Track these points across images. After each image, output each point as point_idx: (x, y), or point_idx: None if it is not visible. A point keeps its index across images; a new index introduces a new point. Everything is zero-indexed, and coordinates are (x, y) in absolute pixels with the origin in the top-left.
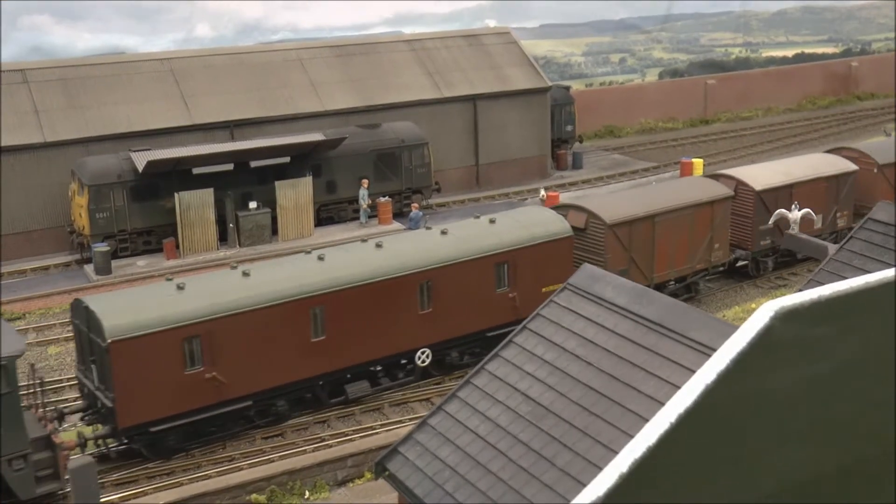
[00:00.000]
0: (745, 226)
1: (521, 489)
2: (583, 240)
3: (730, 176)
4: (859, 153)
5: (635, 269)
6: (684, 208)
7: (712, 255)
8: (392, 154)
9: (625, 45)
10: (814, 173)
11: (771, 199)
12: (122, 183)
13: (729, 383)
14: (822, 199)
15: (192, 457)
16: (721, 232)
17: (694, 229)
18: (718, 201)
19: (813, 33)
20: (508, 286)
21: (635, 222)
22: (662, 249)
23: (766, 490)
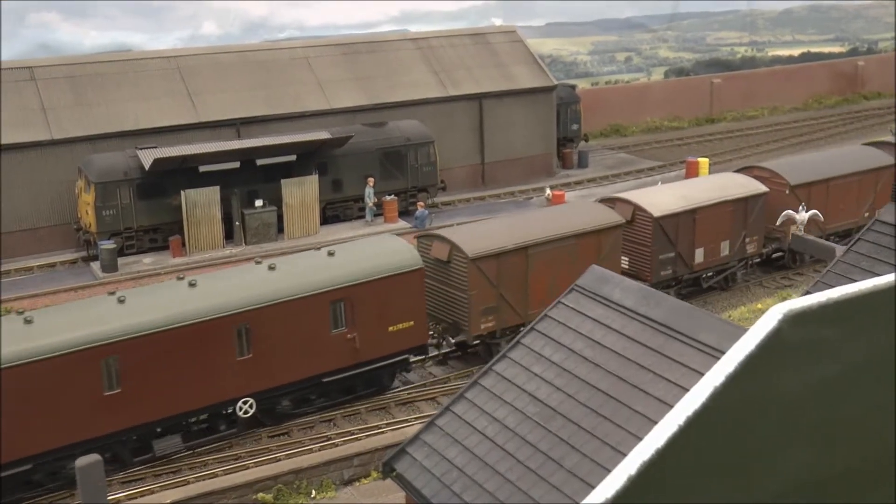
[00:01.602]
0: (643, 255)
1: (529, 490)
2: (446, 274)
3: (627, 201)
4: (770, 173)
5: (505, 306)
6: (565, 238)
7: None
8: (398, 152)
9: (631, 43)
10: (719, 196)
11: (671, 225)
12: (128, 180)
13: (737, 385)
14: (728, 225)
15: (198, 455)
16: (611, 263)
17: (577, 261)
18: (607, 230)
19: (819, 32)
20: (346, 326)
21: (504, 255)
22: (539, 284)
23: (773, 491)
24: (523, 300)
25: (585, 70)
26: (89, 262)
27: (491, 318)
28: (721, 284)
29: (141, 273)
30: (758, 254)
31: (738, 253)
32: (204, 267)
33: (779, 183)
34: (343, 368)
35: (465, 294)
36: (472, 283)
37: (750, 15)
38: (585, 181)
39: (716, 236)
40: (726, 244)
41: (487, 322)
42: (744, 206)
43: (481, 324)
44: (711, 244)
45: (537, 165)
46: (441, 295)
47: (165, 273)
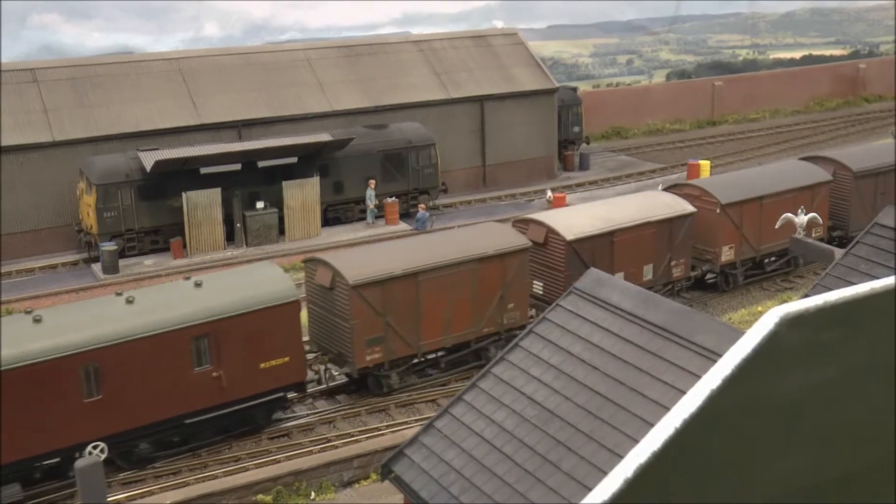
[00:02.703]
0: (556, 280)
1: (527, 492)
2: (330, 301)
3: (540, 222)
4: (701, 191)
5: (394, 336)
6: (461, 263)
7: (505, 317)
8: (399, 154)
9: (632, 46)
10: (641, 217)
11: (586, 249)
12: (129, 182)
13: (734, 388)
14: (651, 247)
15: (198, 457)
16: (517, 289)
17: (478, 287)
18: (511, 253)
19: (821, 35)
20: (211, 363)
21: (391, 282)
22: (431, 312)
23: (771, 495)
24: (414, 330)
25: (587, 72)
26: (90, 263)
27: (377, 349)
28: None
29: (142, 275)
30: (685, 277)
31: (664, 276)
32: (205, 268)
33: (709, 202)
34: (208, 409)
35: (348, 323)
36: (354, 312)
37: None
38: (587, 183)
39: (637, 259)
40: (649, 268)
41: (374, 353)
42: (668, 228)
43: (366, 355)
44: (632, 268)
45: (539, 168)
46: (327, 323)
47: (167, 274)
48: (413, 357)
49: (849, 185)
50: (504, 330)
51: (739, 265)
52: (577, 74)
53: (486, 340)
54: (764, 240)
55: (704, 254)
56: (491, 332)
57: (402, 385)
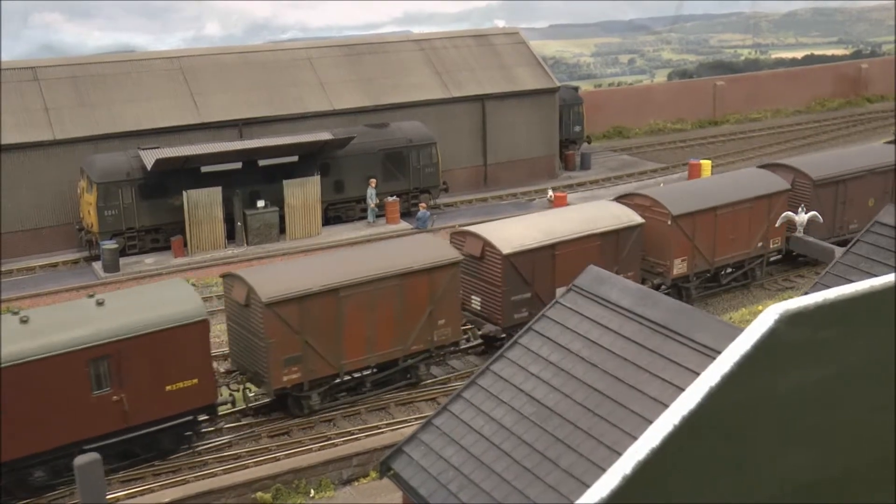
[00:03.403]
0: (494, 296)
1: (525, 489)
2: (246, 319)
3: (477, 235)
4: (652, 201)
5: (314, 356)
6: (385, 279)
7: (435, 334)
8: (400, 153)
9: (634, 45)
10: (585, 229)
11: (525, 263)
12: (130, 181)
13: (733, 386)
14: (596, 260)
15: (197, 454)
16: (448, 305)
17: (404, 303)
18: (440, 268)
19: (823, 35)
20: (111, 387)
21: (309, 299)
22: (354, 330)
23: (769, 492)
24: (335, 349)
25: (588, 72)
26: (91, 262)
27: (296, 369)
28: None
29: (143, 273)
30: None
31: None
32: (206, 267)
33: (660, 213)
34: (109, 434)
35: (263, 342)
36: (269, 331)
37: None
38: (588, 183)
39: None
40: None
41: (291, 373)
42: (615, 240)
43: (283, 375)
44: None
45: (540, 167)
46: (244, 341)
47: (167, 273)
48: (335, 377)
49: (808, 194)
50: (435, 347)
51: (693, 278)
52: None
53: (416, 358)
54: (719, 252)
55: (656, 267)
56: (420, 350)
57: (323, 406)
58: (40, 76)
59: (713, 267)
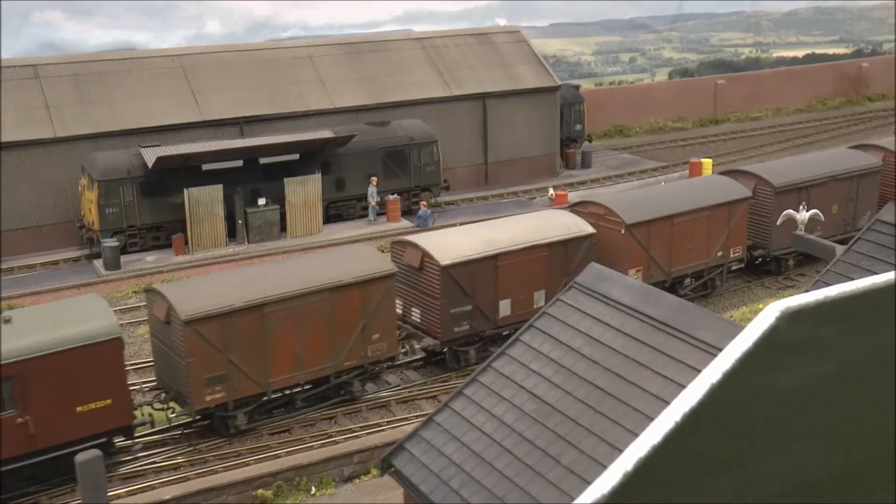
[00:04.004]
0: (432, 308)
1: (526, 486)
2: (168, 336)
3: (416, 245)
4: (605, 210)
5: (238, 374)
6: (313, 293)
7: (369, 349)
8: (401, 152)
9: (635, 44)
10: (531, 239)
11: (465, 275)
12: (131, 178)
13: (734, 383)
14: (543, 272)
15: (198, 452)
16: (381, 320)
17: (335, 318)
18: (373, 281)
19: (824, 34)
20: (15, 409)
21: (232, 316)
22: (281, 347)
23: (770, 490)
24: (262, 367)
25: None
26: (92, 259)
27: (219, 388)
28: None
29: (144, 271)
30: None
31: None
32: (207, 265)
33: (613, 221)
34: (13, 458)
35: (184, 361)
36: (190, 350)
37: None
38: (589, 181)
39: (527, 286)
40: (541, 294)
41: (215, 393)
42: (563, 250)
43: (206, 395)
44: (521, 294)
45: (541, 165)
46: (167, 359)
47: (168, 271)
48: (262, 395)
49: (770, 202)
50: (369, 363)
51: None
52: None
53: (349, 374)
54: (676, 262)
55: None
56: (353, 366)
57: (251, 425)
58: (41, 74)
59: (670, 277)
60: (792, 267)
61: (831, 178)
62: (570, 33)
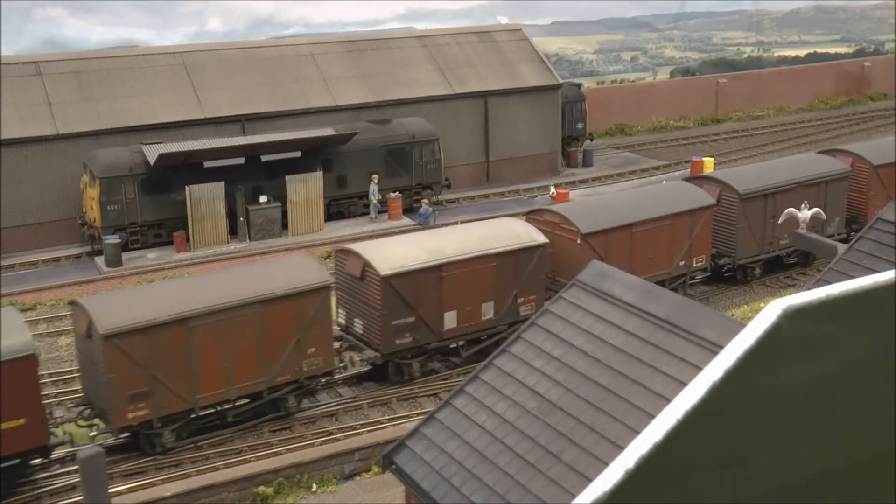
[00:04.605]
0: (373, 320)
1: (528, 484)
2: (90, 351)
3: (358, 255)
4: (561, 218)
5: (163, 391)
6: (242, 306)
7: (304, 363)
8: (402, 149)
9: (637, 43)
10: (478, 249)
11: (408, 285)
12: (133, 175)
13: (736, 381)
14: (491, 283)
15: (200, 449)
16: (316, 333)
17: (266, 332)
18: (308, 293)
19: (826, 33)
20: None
21: (154, 330)
22: (209, 362)
23: (772, 488)
24: (189, 382)
25: (591, 69)
26: (93, 256)
27: (143, 405)
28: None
29: (145, 268)
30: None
31: (508, 316)
32: (208, 262)
33: (569, 230)
34: None
35: (105, 377)
36: (111, 365)
37: (756, 15)
38: (590, 180)
39: (474, 297)
40: (489, 306)
41: (138, 410)
42: (513, 261)
43: (129, 412)
44: (468, 306)
45: (542, 164)
46: (91, 375)
47: (170, 268)
48: (190, 412)
49: (735, 209)
50: (305, 378)
51: None
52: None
53: (283, 389)
54: (636, 272)
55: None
56: (288, 381)
57: (179, 444)
58: (43, 71)
59: None
60: (758, 276)
61: (798, 184)
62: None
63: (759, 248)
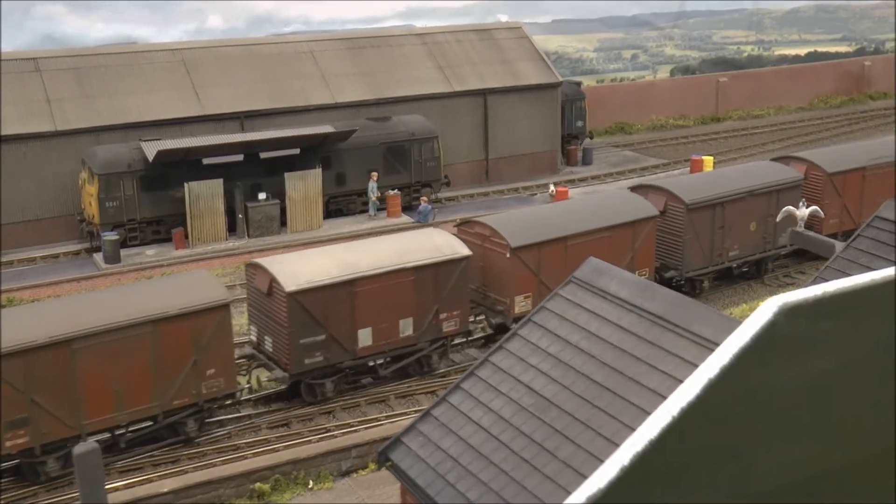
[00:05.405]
0: (281, 338)
1: (523, 481)
2: None
3: (265, 269)
4: (490, 230)
5: (44, 416)
6: (131, 327)
7: (204, 386)
8: (402, 147)
9: (637, 41)
10: (394, 263)
11: (316, 301)
12: (132, 172)
13: (731, 378)
14: (410, 298)
15: (197, 445)
16: (218, 352)
17: (160, 353)
18: (203, 312)
19: (826, 32)
20: None
21: (33, 353)
22: (96, 386)
23: (767, 486)
24: (73, 407)
25: (591, 67)
26: (92, 253)
27: (22, 433)
28: (417, 370)
29: (143, 265)
30: (461, 332)
31: (430, 332)
32: (207, 259)
33: (499, 244)
34: None
35: None
36: None
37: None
38: (590, 178)
39: (390, 313)
40: (408, 322)
41: (17, 438)
42: (433, 275)
43: (6, 440)
44: (383, 323)
45: (542, 162)
46: None
47: (168, 265)
48: (76, 437)
49: (682, 219)
50: (204, 401)
51: None
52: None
53: (181, 413)
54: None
55: (496, 304)
56: (186, 404)
57: (64, 472)
58: (42, 67)
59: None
60: (707, 289)
61: (749, 193)
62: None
63: (707, 260)
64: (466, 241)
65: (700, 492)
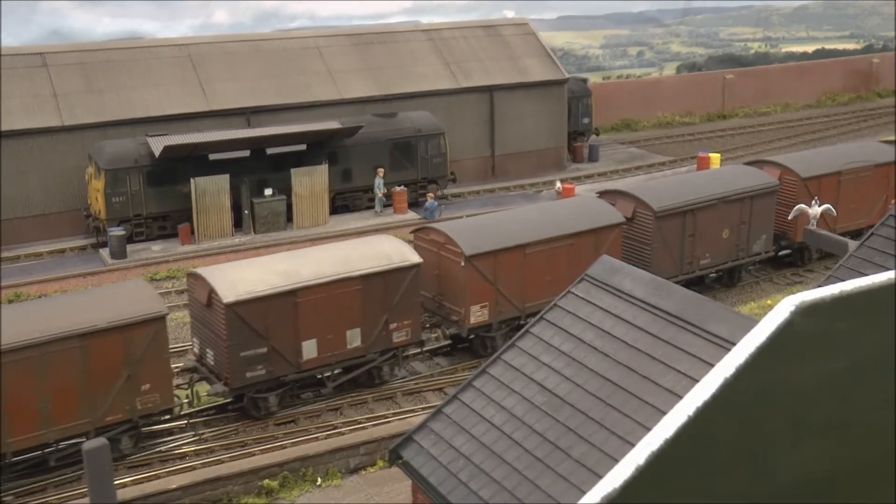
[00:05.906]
0: (221, 351)
1: (536, 479)
2: None
3: (203, 279)
4: (445, 238)
5: None
6: (57, 341)
7: (138, 401)
8: (408, 143)
9: (643, 38)
10: (339, 271)
11: (256, 313)
12: (138, 167)
13: (748, 377)
14: (357, 308)
15: (204, 441)
16: (151, 368)
17: (90, 368)
18: (136, 325)
19: (834, 29)
20: None
21: None
22: (19, 403)
23: (781, 485)
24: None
25: (597, 64)
26: (98, 248)
27: None
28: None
29: (150, 260)
30: (412, 342)
31: (379, 343)
32: (213, 255)
33: (453, 252)
34: None
35: None
36: None
37: (764, 10)
38: (596, 175)
39: (336, 324)
40: (356, 333)
41: None
42: (382, 283)
43: None
44: (329, 334)
45: (548, 159)
46: None
47: (174, 260)
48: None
49: (650, 226)
50: (139, 417)
51: (498, 327)
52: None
53: (114, 430)
54: (531, 296)
55: (452, 314)
56: (119, 420)
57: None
58: (49, 62)
59: (524, 314)
60: None
61: (721, 199)
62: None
63: (677, 268)
64: (422, 248)
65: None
